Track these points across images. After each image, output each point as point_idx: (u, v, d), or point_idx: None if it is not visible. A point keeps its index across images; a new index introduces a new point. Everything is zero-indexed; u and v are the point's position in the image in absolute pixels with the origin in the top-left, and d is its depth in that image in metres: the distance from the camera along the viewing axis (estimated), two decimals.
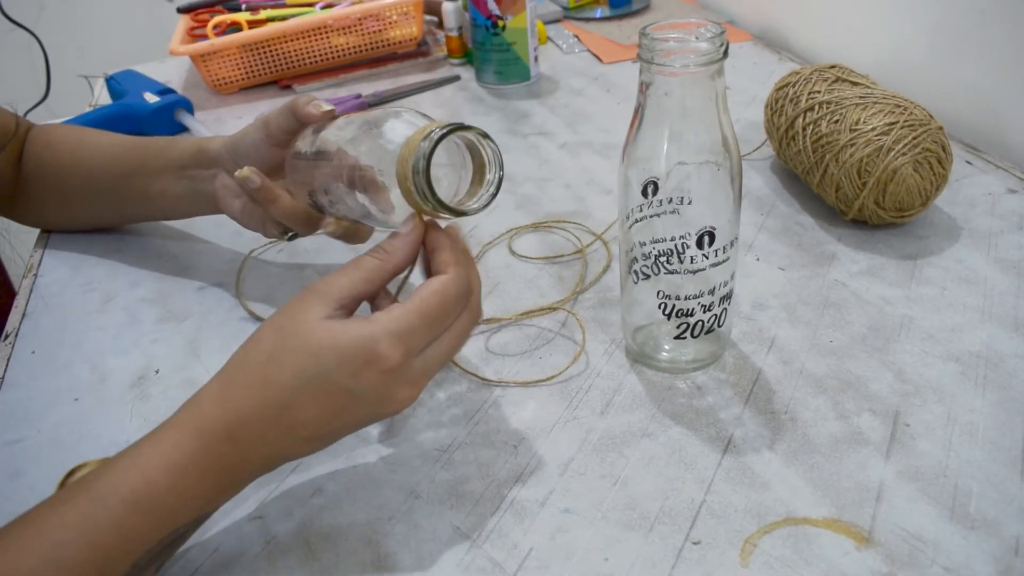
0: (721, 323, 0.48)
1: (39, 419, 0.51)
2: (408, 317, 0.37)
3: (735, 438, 0.44)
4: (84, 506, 0.34)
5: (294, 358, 0.37)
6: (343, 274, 0.39)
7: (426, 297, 0.38)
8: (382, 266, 0.40)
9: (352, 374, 0.37)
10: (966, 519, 0.39)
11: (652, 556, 0.39)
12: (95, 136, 0.65)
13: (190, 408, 0.38)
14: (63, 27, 1.62)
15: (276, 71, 0.99)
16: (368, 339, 0.36)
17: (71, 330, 0.59)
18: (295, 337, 0.37)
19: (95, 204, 0.65)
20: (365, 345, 0.36)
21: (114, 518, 0.34)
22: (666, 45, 0.40)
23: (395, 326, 0.37)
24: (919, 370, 0.48)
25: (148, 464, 0.35)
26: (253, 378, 0.37)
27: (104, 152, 0.63)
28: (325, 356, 0.37)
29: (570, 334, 0.53)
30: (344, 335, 0.37)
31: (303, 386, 0.37)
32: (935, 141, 0.56)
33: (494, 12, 0.88)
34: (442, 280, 0.39)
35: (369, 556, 0.40)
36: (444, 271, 0.39)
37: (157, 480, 0.35)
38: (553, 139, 0.80)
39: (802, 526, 0.39)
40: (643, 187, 0.43)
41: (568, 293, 0.57)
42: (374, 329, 0.37)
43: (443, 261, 0.40)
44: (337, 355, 0.37)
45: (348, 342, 0.37)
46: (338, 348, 0.37)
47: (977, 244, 0.58)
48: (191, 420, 0.37)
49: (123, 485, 0.35)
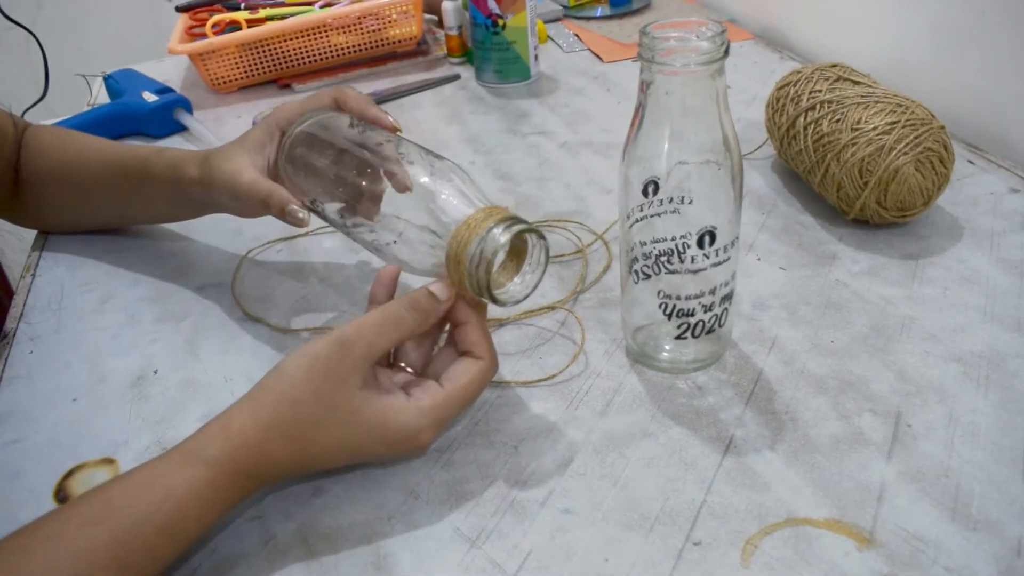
0: (722, 323, 0.47)
1: (38, 419, 0.50)
2: (452, 408, 0.42)
3: (736, 438, 0.44)
4: (119, 532, 0.35)
5: (341, 432, 0.40)
6: (379, 333, 0.41)
7: (468, 387, 0.42)
8: (417, 327, 0.42)
9: (390, 447, 0.41)
10: (968, 520, 0.39)
11: (652, 557, 0.38)
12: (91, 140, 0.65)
13: (224, 446, 0.38)
14: (61, 26, 1.61)
15: (275, 70, 0.98)
16: (415, 428, 0.40)
17: (70, 330, 0.58)
18: (341, 412, 0.39)
19: (94, 207, 0.65)
20: (412, 431, 0.40)
21: (147, 545, 0.36)
22: (667, 44, 0.40)
23: (439, 416, 0.41)
24: (921, 370, 0.47)
25: (183, 498, 0.37)
26: (296, 437, 0.39)
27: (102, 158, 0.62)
28: (372, 436, 0.40)
29: (569, 334, 0.53)
30: (392, 420, 0.40)
31: (343, 451, 0.40)
32: (937, 140, 0.56)
33: (494, 11, 0.88)
34: (482, 369, 0.42)
35: (369, 556, 0.40)
36: (479, 354, 0.43)
37: (189, 514, 0.37)
38: (553, 138, 0.80)
39: (803, 527, 0.39)
40: (644, 187, 0.43)
41: (568, 293, 0.57)
42: (421, 421, 0.40)
43: (474, 340, 0.43)
44: (383, 436, 0.40)
45: (395, 427, 0.40)
46: (385, 430, 0.40)
47: (979, 244, 0.58)
48: (228, 462, 0.38)
49: (158, 515, 0.36)
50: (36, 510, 0.44)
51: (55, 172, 0.64)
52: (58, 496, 0.45)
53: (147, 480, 0.37)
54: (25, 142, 0.66)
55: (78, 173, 0.63)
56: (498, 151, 0.78)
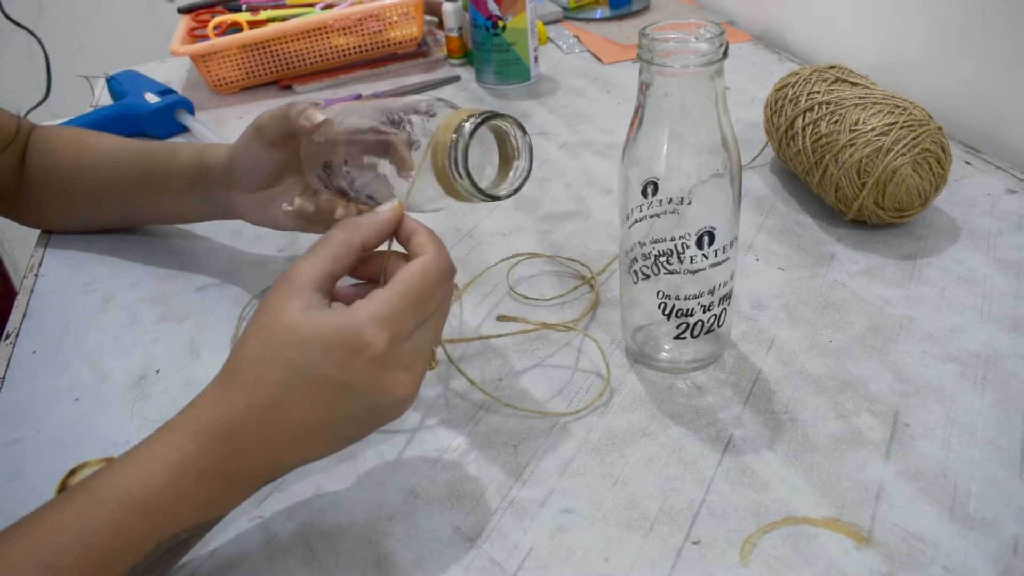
0: (721, 323, 0.48)
1: (40, 419, 0.51)
2: (392, 300, 0.37)
3: (735, 438, 0.44)
4: (80, 508, 0.34)
5: (281, 354, 0.36)
6: (311, 256, 0.39)
7: (408, 279, 0.37)
8: (348, 239, 0.39)
9: (339, 364, 0.36)
10: (965, 519, 0.39)
11: (652, 556, 0.39)
12: (97, 140, 0.65)
13: (187, 412, 0.37)
14: (64, 27, 1.62)
15: (276, 71, 0.99)
16: (352, 326, 0.36)
17: (72, 330, 0.59)
18: (279, 332, 0.37)
19: (99, 207, 0.66)
20: (350, 332, 0.36)
21: (110, 520, 0.34)
22: (666, 45, 0.40)
23: (378, 311, 0.36)
24: (918, 370, 0.48)
25: (145, 466, 0.35)
26: (245, 378, 0.37)
27: (108, 158, 0.63)
28: (310, 348, 0.36)
29: (579, 344, 0.53)
30: (327, 324, 0.36)
31: (292, 381, 0.36)
32: (934, 141, 0.56)
33: (494, 12, 0.88)
34: (423, 261, 0.38)
35: (369, 556, 0.40)
36: (423, 252, 0.39)
37: (154, 482, 0.35)
38: (553, 139, 0.80)
39: (802, 526, 0.39)
40: (643, 187, 0.43)
41: (578, 315, 0.57)
42: (357, 316, 0.36)
43: (420, 244, 0.39)
44: (322, 346, 0.36)
45: (331, 331, 0.36)
46: (322, 339, 0.36)
47: (976, 244, 0.58)
48: (188, 423, 0.37)
49: (119, 486, 0.34)
50: None
51: (64, 171, 0.64)
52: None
53: (116, 459, 0.36)
54: (32, 142, 0.66)
55: (93, 167, 0.63)
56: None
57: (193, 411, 0.37)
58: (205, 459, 0.36)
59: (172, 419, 0.37)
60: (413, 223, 0.41)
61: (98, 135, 0.66)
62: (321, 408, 0.37)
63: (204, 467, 0.36)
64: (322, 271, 0.38)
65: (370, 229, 0.40)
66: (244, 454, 0.37)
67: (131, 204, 0.63)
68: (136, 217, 0.66)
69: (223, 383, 0.38)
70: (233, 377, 0.37)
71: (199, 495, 0.36)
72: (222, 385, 0.38)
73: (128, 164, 0.62)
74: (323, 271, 0.38)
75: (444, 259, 0.39)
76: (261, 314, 0.38)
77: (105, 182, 0.63)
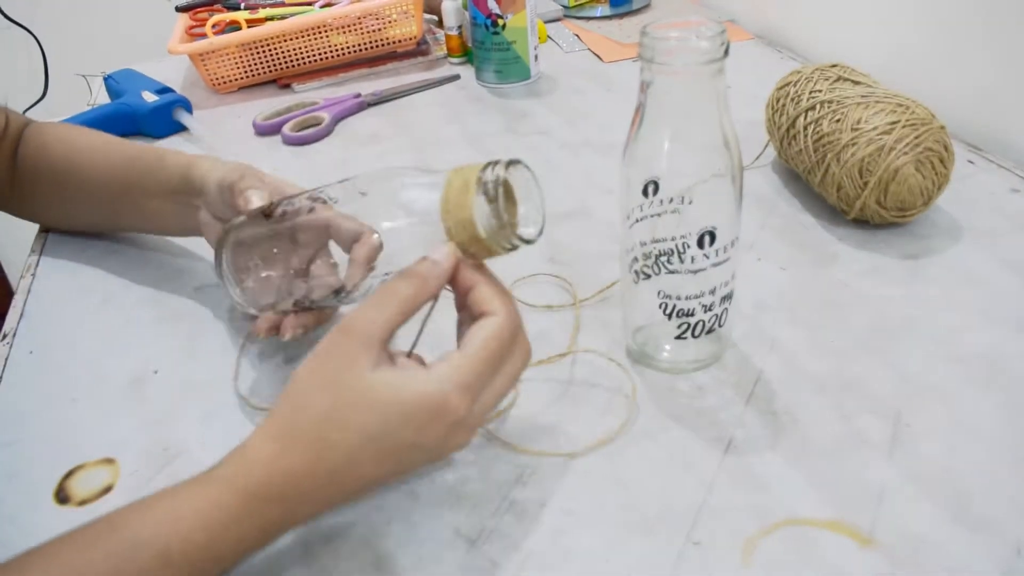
0: (722, 323, 0.47)
1: (37, 420, 0.50)
2: (474, 366, 0.37)
3: (736, 438, 0.44)
4: (115, 554, 0.33)
5: (356, 418, 0.35)
6: (379, 308, 0.37)
7: (487, 342, 0.37)
8: (417, 296, 0.38)
9: (418, 429, 0.36)
10: (968, 520, 0.39)
11: (653, 557, 0.38)
12: (89, 139, 0.64)
13: (237, 464, 0.36)
14: (61, 25, 1.61)
15: (275, 70, 0.98)
16: (438, 394, 0.36)
17: (69, 330, 0.58)
18: (352, 394, 0.36)
19: (90, 209, 0.65)
20: (435, 400, 0.36)
21: (144, 572, 0.33)
22: (667, 44, 0.40)
23: (462, 377, 0.36)
24: (921, 371, 0.47)
25: (186, 520, 0.34)
26: (310, 439, 0.35)
27: (98, 159, 0.62)
28: (390, 415, 0.35)
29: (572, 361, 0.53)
30: (408, 391, 0.36)
31: (365, 446, 0.36)
32: (937, 140, 0.56)
33: (494, 11, 0.88)
34: (497, 323, 0.38)
35: (368, 557, 0.40)
36: (494, 311, 0.38)
37: (194, 539, 0.34)
38: (553, 138, 0.80)
39: (803, 527, 0.39)
40: (644, 187, 0.43)
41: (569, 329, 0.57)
42: (443, 384, 0.36)
43: (486, 299, 0.39)
44: (403, 413, 0.35)
45: (414, 398, 0.36)
46: (404, 405, 0.36)
47: (979, 244, 0.58)
48: (238, 479, 0.35)
49: (158, 539, 0.33)
50: (36, 511, 0.44)
51: (56, 170, 0.63)
52: (58, 496, 0.45)
53: (153, 502, 0.35)
54: (26, 137, 0.65)
55: (83, 167, 0.62)
56: (498, 151, 0.78)
57: (244, 465, 0.36)
58: (251, 518, 0.35)
59: (219, 469, 0.36)
60: (475, 273, 0.39)
61: (91, 133, 0.66)
62: (387, 466, 0.37)
63: (248, 525, 0.35)
64: (390, 327, 0.37)
65: (438, 281, 0.38)
66: (295, 512, 0.36)
67: (119, 209, 0.62)
68: (125, 224, 0.66)
69: (282, 442, 0.36)
70: (295, 437, 0.36)
71: (236, 549, 0.35)
72: (280, 444, 0.36)
73: (117, 166, 0.61)
74: (391, 326, 0.37)
75: (515, 318, 0.39)
76: (324, 369, 0.36)
77: (94, 183, 0.62)
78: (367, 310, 0.37)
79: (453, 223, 0.38)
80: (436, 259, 0.38)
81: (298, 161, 0.80)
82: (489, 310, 0.38)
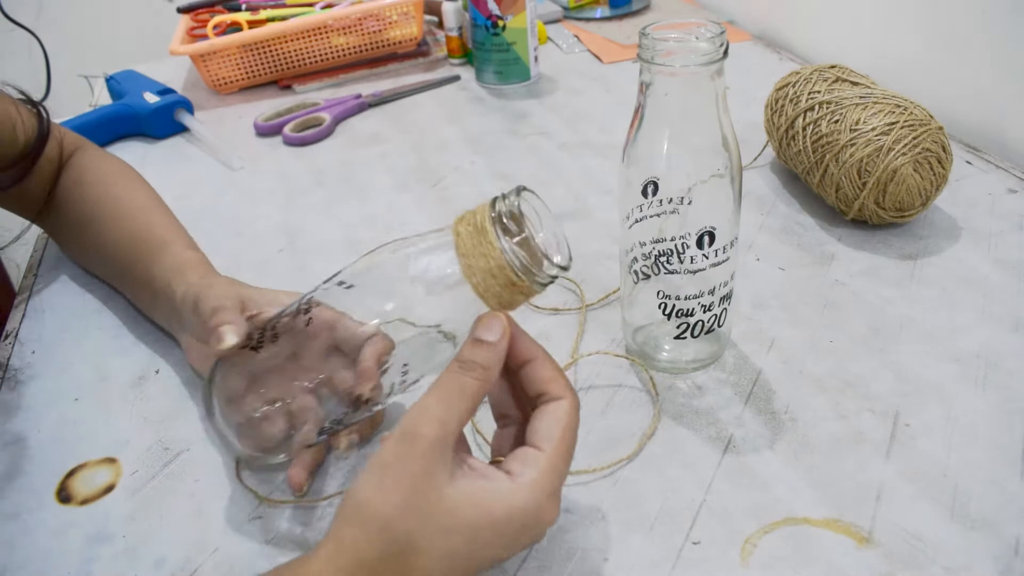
0: (721, 323, 0.48)
1: (40, 419, 0.51)
2: (560, 468, 0.34)
3: (735, 438, 0.44)
4: None
5: (442, 544, 0.31)
6: (445, 406, 0.33)
7: (565, 436, 0.34)
8: (484, 387, 0.34)
9: (507, 544, 0.33)
10: (966, 519, 0.39)
11: (652, 556, 0.39)
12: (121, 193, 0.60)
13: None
14: (63, 27, 1.62)
15: (276, 71, 0.99)
16: (533, 507, 0.32)
17: (71, 330, 0.59)
18: (436, 516, 0.31)
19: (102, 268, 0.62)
20: (531, 515, 0.32)
21: None
22: (666, 45, 0.40)
23: (553, 484, 0.33)
24: (919, 370, 0.48)
25: None
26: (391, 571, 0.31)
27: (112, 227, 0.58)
28: (481, 534, 0.32)
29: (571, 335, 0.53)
30: (500, 506, 0.32)
31: (455, 566, 0.32)
32: (935, 141, 0.56)
33: (494, 12, 0.88)
34: (569, 411, 0.35)
35: None
36: (560, 395, 0.35)
37: None
38: (553, 139, 0.80)
39: (802, 526, 0.39)
40: (643, 187, 0.43)
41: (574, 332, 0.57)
42: (536, 495, 0.32)
43: (550, 378, 0.35)
44: (495, 531, 0.32)
45: (508, 515, 0.32)
46: (497, 525, 0.32)
47: (977, 244, 0.58)
48: None
49: None
50: (38, 510, 0.44)
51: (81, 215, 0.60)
52: (60, 495, 0.45)
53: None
54: (70, 167, 0.62)
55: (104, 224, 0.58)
56: (498, 152, 0.78)
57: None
58: None
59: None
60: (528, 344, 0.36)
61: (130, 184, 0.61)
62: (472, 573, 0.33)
63: None
64: (460, 427, 0.33)
65: (500, 364, 0.34)
66: None
67: (122, 281, 0.59)
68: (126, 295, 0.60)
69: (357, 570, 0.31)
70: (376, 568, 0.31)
71: None
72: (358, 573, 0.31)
73: (129, 239, 0.56)
74: (461, 427, 0.33)
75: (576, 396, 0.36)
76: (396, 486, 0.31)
77: (109, 246, 0.58)
78: (431, 409, 0.33)
79: (480, 276, 0.33)
80: (490, 340, 0.34)
81: (299, 162, 0.80)
82: (554, 393, 0.35)
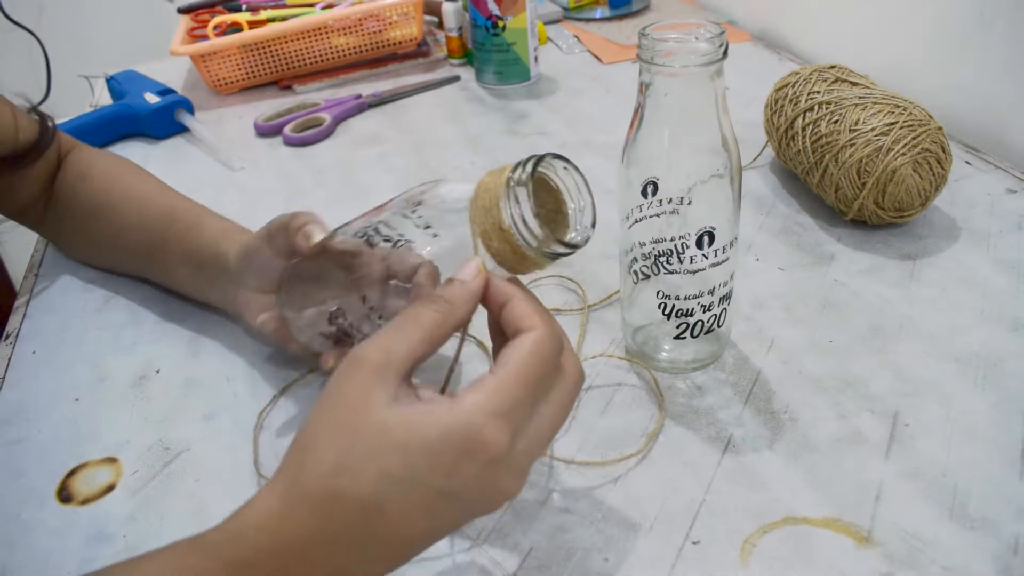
0: (721, 323, 0.48)
1: (40, 419, 0.51)
2: (510, 390, 0.30)
3: (735, 438, 0.44)
4: None
5: (372, 464, 0.29)
6: (399, 336, 0.31)
7: (525, 361, 0.31)
8: (445, 321, 0.32)
9: (448, 473, 0.29)
10: (965, 519, 0.39)
11: (652, 556, 0.39)
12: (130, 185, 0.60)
13: (229, 529, 0.30)
14: (63, 27, 1.62)
15: (276, 71, 0.99)
16: (467, 426, 0.29)
17: (72, 330, 0.59)
18: (366, 436, 0.29)
19: (117, 258, 0.62)
20: (464, 434, 0.29)
21: None
22: (666, 45, 0.40)
23: (497, 405, 0.30)
24: (918, 370, 0.48)
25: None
26: (318, 496, 0.29)
27: (133, 213, 0.58)
28: (412, 455, 0.29)
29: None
30: (432, 426, 0.29)
31: (385, 496, 0.29)
32: (934, 141, 0.56)
33: (494, 12, 0.88)
34: (535, 338, 0.31)
35: None
36: (531, 326, 0.32)
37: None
38: (553, 139, 0.80)
39: (801, 526, 0.39)
40: (643, 187, 0.43)
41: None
42: (472, 415, 0.29)
43: (522, 315, 0.32)
44: (427, 452, 0.29)
45: (440, 433, 0.29)
46: (428, 443, 0.29)
47: (976, 244, 0.58)
48: (226, 547, 0.29)
49: None
50: (38, 510, 0.44)
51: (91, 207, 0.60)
52: (60, 495, 0.45)
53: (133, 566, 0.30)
54: (68, 164, 0.62)
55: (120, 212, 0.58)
56: (498, 152, 0.79)
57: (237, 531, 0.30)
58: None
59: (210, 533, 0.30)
60: (508, 288, 0.34)
61: (135, 175, 0.62)
62: (418, 523, 0.30)
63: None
64: (412, 357, 0.31)
65: (467, 305, 0.33)
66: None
67: (146, 267, 0.59)
68: (151, 278, 0.61)
69: (285, 502, 0.30)
70: (301, 495, 0.29)
71: None
72: (283, 504, 0.29)
73: (151, 223, 0.57)
74: (413, 356, 0.31)
75: (556, 334, 0.33)
76: (332, 409, 0.30)
77: (126, 234, 0.58)
78: (383, 337, 0.31)
79: (483, 231, 0.33)
80: (462, 278, 0.33)
81: (299, 162, 0.81)
82: (526, 326, 0.32)
